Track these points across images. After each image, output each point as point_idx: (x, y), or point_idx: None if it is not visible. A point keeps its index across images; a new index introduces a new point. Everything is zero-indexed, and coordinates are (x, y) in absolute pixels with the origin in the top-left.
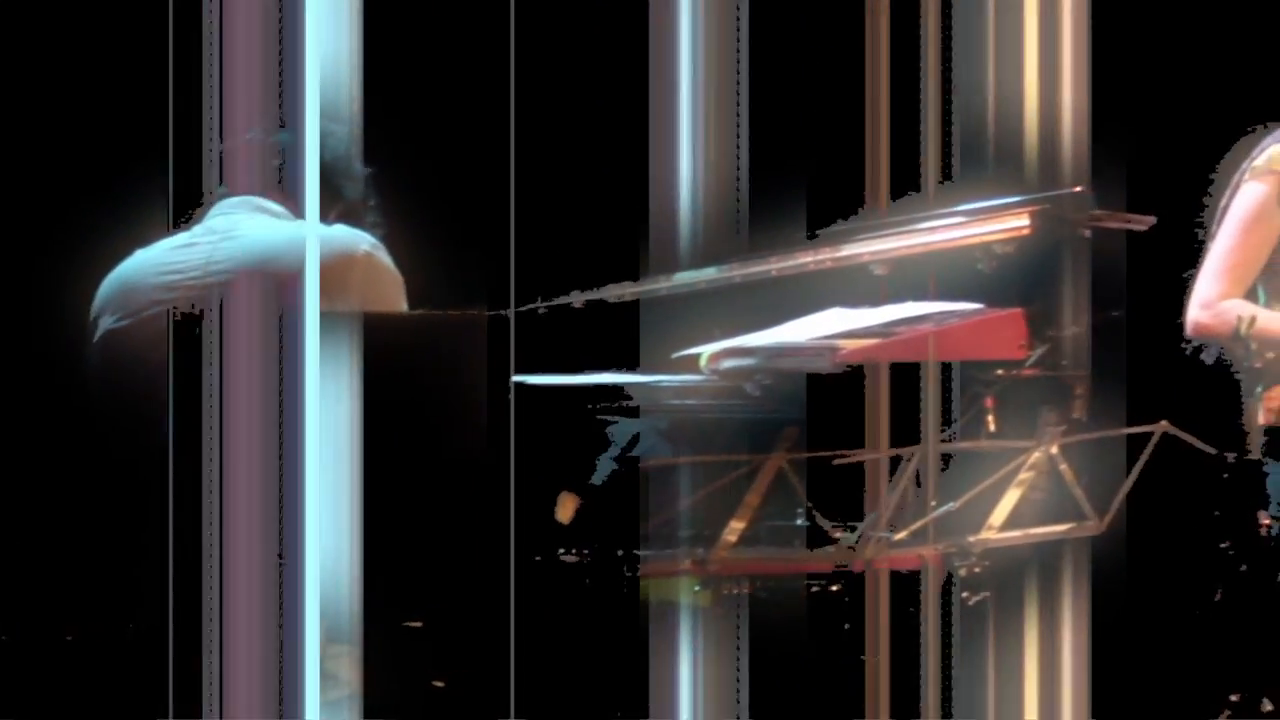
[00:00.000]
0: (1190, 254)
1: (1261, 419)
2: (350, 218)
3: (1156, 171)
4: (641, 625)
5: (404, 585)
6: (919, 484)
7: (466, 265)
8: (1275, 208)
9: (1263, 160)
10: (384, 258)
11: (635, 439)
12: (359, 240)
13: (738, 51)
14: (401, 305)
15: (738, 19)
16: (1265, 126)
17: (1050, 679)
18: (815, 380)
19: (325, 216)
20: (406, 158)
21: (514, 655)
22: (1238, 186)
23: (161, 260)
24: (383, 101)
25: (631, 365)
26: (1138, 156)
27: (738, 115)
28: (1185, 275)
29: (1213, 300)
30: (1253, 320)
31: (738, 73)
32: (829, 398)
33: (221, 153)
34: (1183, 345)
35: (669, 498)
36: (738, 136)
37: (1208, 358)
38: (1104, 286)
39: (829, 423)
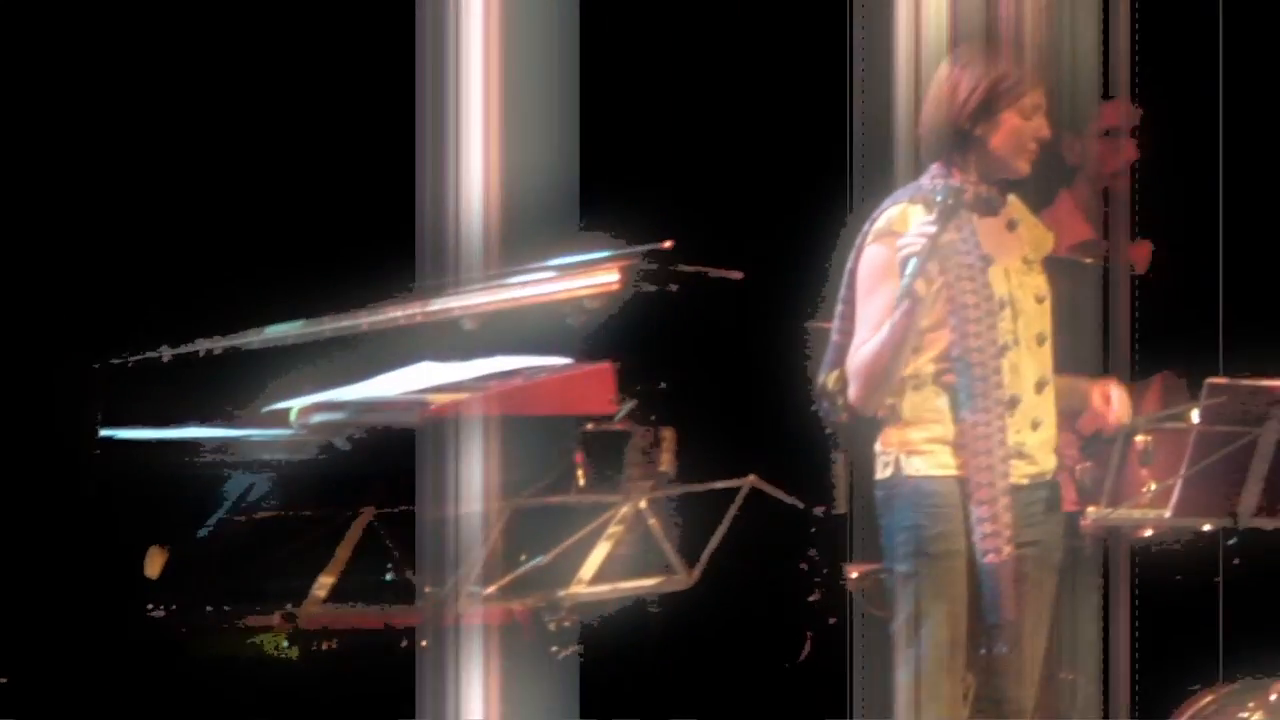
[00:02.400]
0: (789, 308)
1: (879, 473)
2: None
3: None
4: (233, 680)
5: None
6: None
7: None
8: (899, 268)
9: (883, 222)
10: None
11: (227, 494)
12: None
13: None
14: None
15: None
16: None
17: None
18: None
19: None
20: None
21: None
22: (861, 249)
23: None
24: None
25: (221, 418)
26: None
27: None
28: (806, 327)
29: None
30: (839, 376)
31: None
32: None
33: None
34: (815, 408)
35: (263, 551)
36: None
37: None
38: (696, 341)
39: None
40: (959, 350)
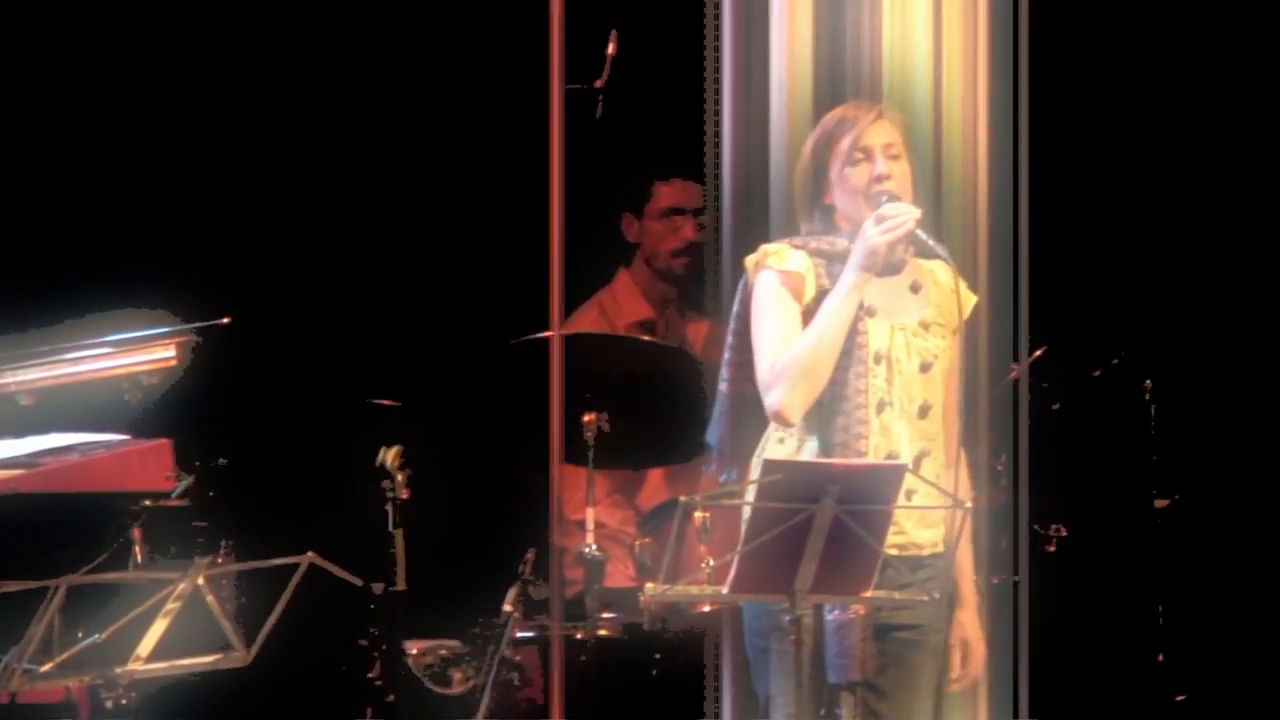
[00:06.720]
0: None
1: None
2: None
3: None
4: None
5: None
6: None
7: None
8: (795, 290)
9: (759, 253)
10: None
11: None
12: None
13: None
14: None
15: None
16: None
17: None
18: None
19: None
20: None
21: None
22: (750, 287)
23: None
24: None
25: None
26: None
27: None
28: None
29: None
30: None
31: None
32: None
33: None
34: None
35: None
36: None
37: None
38: (257, 418)
39: None
40: (829, 398)
